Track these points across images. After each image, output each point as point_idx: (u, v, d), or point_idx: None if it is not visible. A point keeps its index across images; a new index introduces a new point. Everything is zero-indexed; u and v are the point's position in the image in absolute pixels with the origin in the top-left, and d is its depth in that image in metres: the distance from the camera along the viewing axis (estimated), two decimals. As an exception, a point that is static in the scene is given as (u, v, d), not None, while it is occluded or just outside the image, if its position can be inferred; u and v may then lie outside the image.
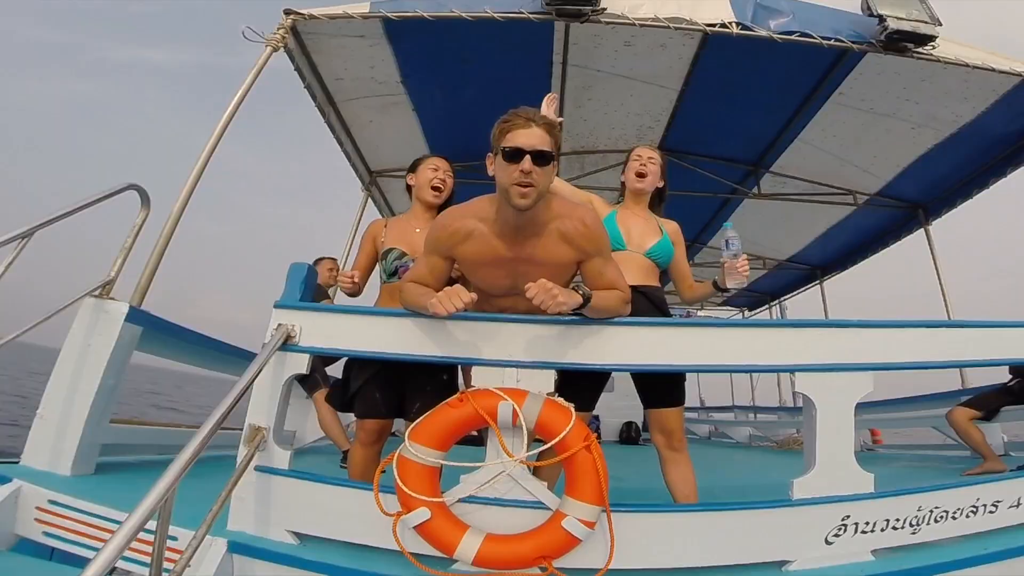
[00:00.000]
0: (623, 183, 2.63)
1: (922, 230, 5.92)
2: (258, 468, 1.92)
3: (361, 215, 5.89)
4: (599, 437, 2.31)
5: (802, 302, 9.60)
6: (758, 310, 10.67)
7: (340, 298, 4.97)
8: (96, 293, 2.57)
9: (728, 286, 2.34)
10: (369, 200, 6.07)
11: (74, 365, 2.54)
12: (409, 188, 2.60)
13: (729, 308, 11.27)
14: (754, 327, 1.98)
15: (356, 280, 2.42)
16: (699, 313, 11.22)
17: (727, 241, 2.35)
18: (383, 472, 1.80)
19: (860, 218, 6.18)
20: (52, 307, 2.42)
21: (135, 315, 2.63)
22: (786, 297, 9.67)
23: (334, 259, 4.73)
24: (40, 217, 2.20)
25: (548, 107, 2.44)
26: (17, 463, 2.43)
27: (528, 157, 1.71)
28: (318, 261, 4.56)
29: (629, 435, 8.84)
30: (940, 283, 5.65)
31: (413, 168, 2.59)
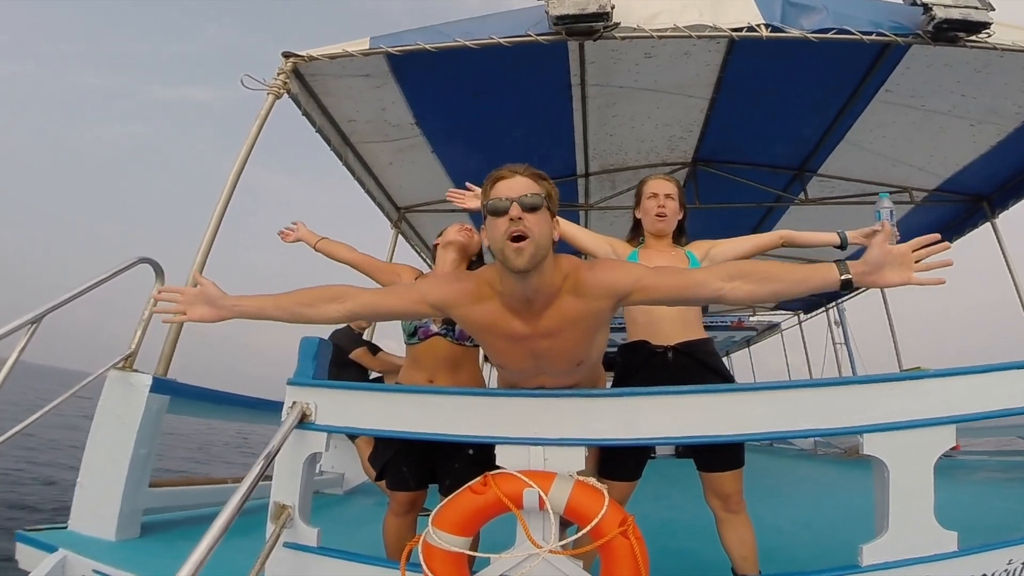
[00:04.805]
0: (637, 219, 2.43)
1: (988, 224, 5.46)
2: (287, 544, 1.89)
3: (392, 254, 5.74)
4: (653, 453, 2.13)
5: (862, 300, 9.13)
6: (814, 313, 10.17)
7: (379, 338, 4.94)
8: (119, 366, 2.60)
9: None
10: (400, 237, 5.95)
11: (106, 436, 2.62)
12: (434, 249, 2.51)
13: (783, 312, 10.78)
14: (817, 387, 1.76)
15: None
16: (752, 319, 10.79)
17: (889, 211, 2.25)
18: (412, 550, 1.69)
19: (917, 216, 5.75)
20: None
21: (160, 385, 2.65)
22: (844, 299, 9.19)
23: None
24: (51, 299, 2.19)
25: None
26: (65, 527, 2.55)
27: (515, 205, 1.53)
28: None
29: (686, 448, 8.45)
30: (1013, 279, 5.09)
31: (441, 233, 2.49)
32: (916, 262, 1.49)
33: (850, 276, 1.50)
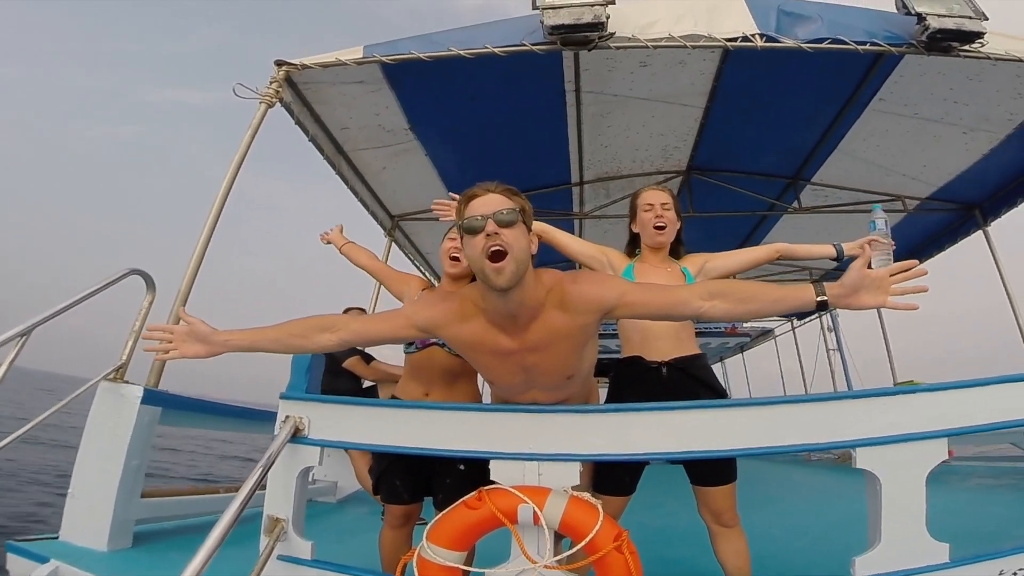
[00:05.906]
0: (634, 232, 2.38)
1: (980, 232, 5.50)
2: (280, 557, 1.89)
3: (386, 263, 5.71)
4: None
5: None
6: (807, 320, 10.20)
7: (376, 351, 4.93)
8: (110, 377, 2.58)
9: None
10: (394, 245, 5.94)
11: (97, 447, 2.60)
12: None
13: (776, 319, 10.81)
14: (809, 402, 1.77)
15: None
16: (744, 325, 10.81)
17: (884, 221, 2.24)
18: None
19: (910, 224, 5.80)
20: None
21: (151, 396, 2.63)
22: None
23: (362, 309, 4.68)
24: (41, 311, 2.17)
25: None
26: (56, 538, 2.52)
27: (491, 221, 1.54)
28: (347, 311, 4.51)
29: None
30: (1005, 287, 5.12)
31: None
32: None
33: (826, 298, 1.53)
